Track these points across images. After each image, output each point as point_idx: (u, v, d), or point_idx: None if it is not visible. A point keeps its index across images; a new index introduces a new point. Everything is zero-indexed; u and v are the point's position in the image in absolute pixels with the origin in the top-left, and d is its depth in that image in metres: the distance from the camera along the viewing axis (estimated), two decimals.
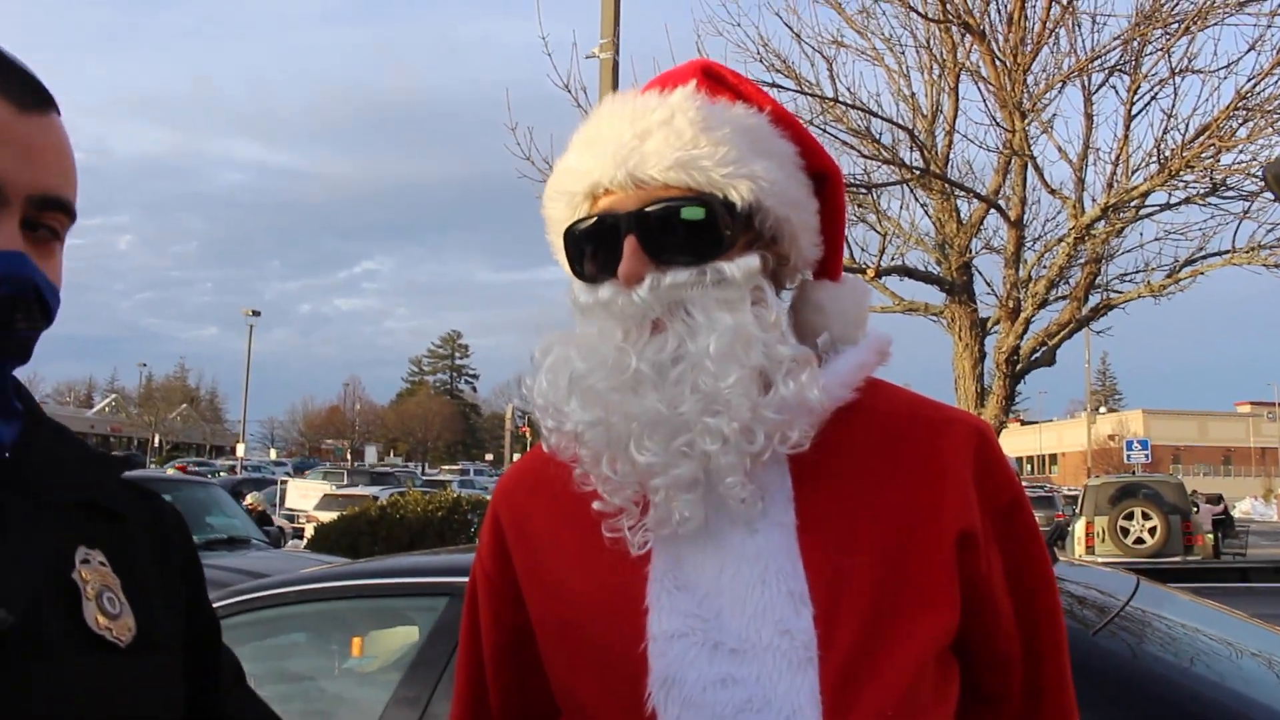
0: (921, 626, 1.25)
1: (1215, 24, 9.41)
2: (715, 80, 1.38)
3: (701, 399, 1.22)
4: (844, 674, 1.21)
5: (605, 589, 1.31)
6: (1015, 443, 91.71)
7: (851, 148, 10.04)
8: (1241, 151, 9.21)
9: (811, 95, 10.02)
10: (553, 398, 1.30)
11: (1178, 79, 9.69)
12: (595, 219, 1.31)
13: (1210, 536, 22.11)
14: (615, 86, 10.15)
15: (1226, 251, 9.90)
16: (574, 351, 1.30)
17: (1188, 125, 9.50)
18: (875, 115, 9.99)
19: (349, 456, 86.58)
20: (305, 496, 28.75)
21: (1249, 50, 9.28)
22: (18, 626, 1.01)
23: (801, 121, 1.42)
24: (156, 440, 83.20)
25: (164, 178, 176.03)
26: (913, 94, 10.91)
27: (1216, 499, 28.78)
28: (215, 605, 3.14)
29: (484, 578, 1.49)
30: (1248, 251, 9.62)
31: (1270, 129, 9.07)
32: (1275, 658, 2.70)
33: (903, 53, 10.85)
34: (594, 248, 1.32)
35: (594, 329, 1.29)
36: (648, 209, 1.27)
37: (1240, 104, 9.13)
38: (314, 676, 3.77)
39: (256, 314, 54.28)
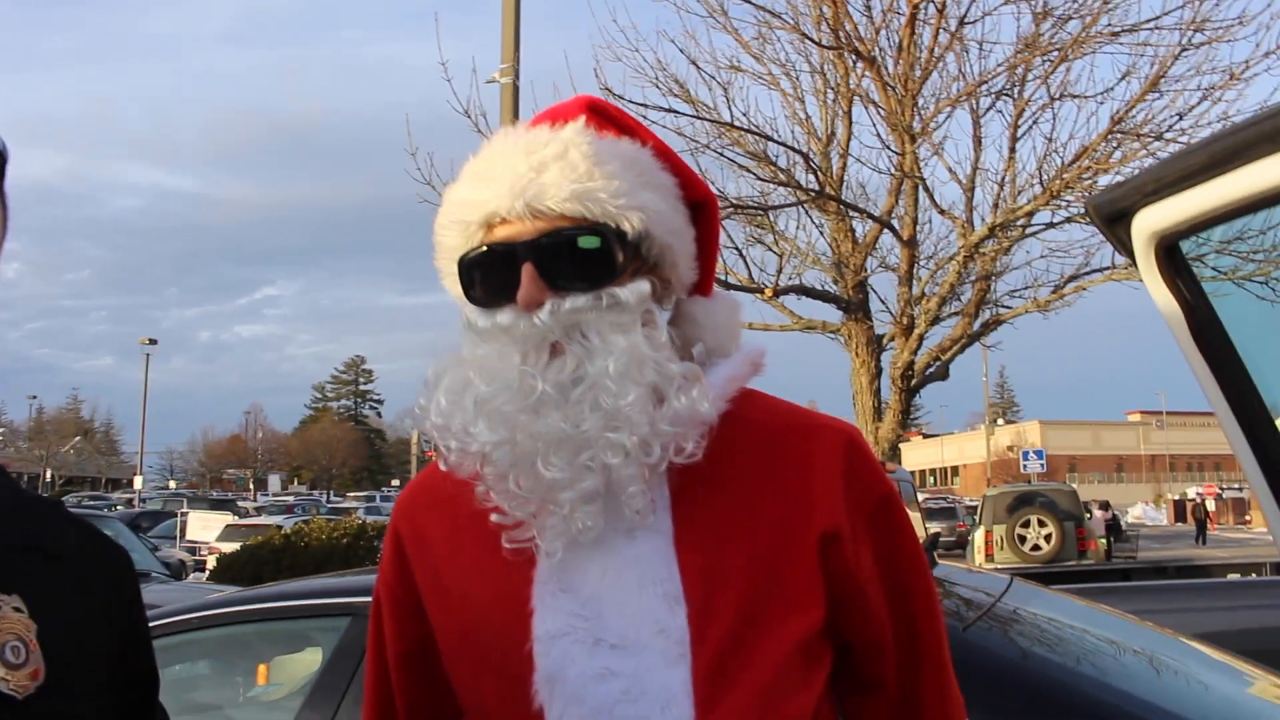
0: (788, 624, 1.34)
1: (1090, 52, 9.88)
2: (601, 115, 1.46)
3: (603, 416, 1.30)
4: (714, 667, 1.31)
5: (497, 596, 1.39)
6: (918, 456, 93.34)
7: (748, 170, 10.31)
8: (1117, 173, 9.63)
9: (708, 120, 10.22)
10: (457, 419, 1.36)
11: (1058, 104, 10.14)
12: (492, 247, 1.37)
13: (1103, 541, 22.84)
14: (515, 111, 10.22)
15: (1107, 268, 10.37)
16: (474, 374, 1.35)
17: (1067, 149, 9.95)
18: (771, 139, 10.23)
19: (251, 486, 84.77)
20: (207, 527, 27.97)
21: (1123, 78, 9.77)
22: None
23: (679, 152, 1.52)
24: (48, 475, 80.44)
25: (56, 203, 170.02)
26: (808, 118, 11.19)
27: (1104, 505, 29.71)
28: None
29: (387, 590, 1.56)
30: (1126, 268, 10.04)
31: (1143, 151, 9.52)
32: (1139, 648, 2.88)
33: (797, 78, 11.15)
34: (490, 274, 1.38)
35: (492, 351, 1.35)
36: (546, 238, 1.33)
37: (1115, 129, 9.58)
38: (219, 705, 3.74)
39: (153, 342, 52.97)
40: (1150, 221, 1.34)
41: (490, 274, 1.38)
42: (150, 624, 3.17)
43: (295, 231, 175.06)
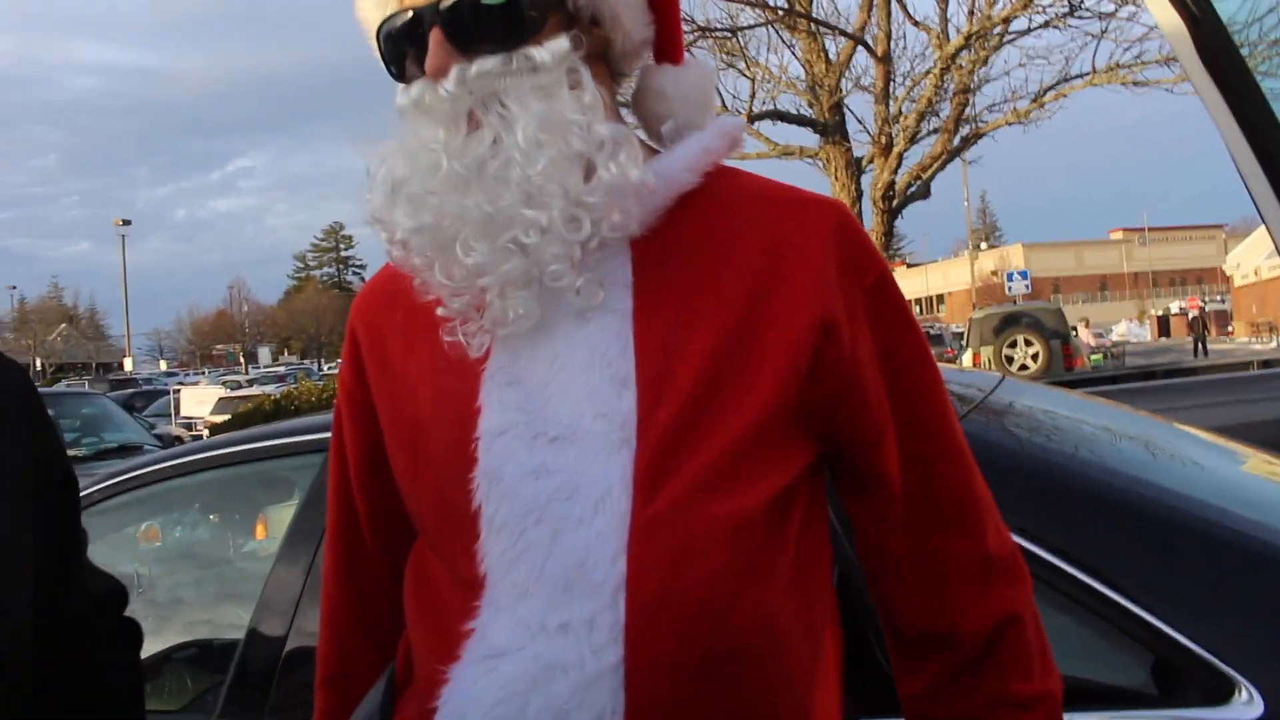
0: (748, 405, 1.22)
1: None
2: None
3: (517, 190, 1.19)
4: (659, 451, 1.20)
5: (445, 394, 1.31)
6: (903, 285, 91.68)
7: None
8: None
9: None
10: (380, 207, 1.27)
11: None
12: (398, 16, 1.27)
13: (1095, 359, 23.05)
14: None
15: (1087, 74, 10.14)
16: (397, 158, 1.26)
17: None
18: None
19: (242, 360, 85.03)
20: (200, 404, 28.15)
21: None
22: None
23: None
24: (38, 364, 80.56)
25: (8, 88, 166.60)
26: None
27: (1085, 323, 29.95)
28: (94, 488, 3.05)
29: (344, 392, 1.49)
30: (1107, 71, 9.86)
31: None
32: (1134, 435, 2.84)
33: None
34: (403, 46, 1.27)
35: (412, 131, 1.25)
36: None
37: None
38: (213, 555, 3.73)
39: (127, 223, 52.61)
40: None
41: (403, 45, 1.27)
42: (126, 476, 3.11)
43: (259, 100, 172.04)
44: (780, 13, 9.81)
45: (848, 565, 1.71)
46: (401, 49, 1.28)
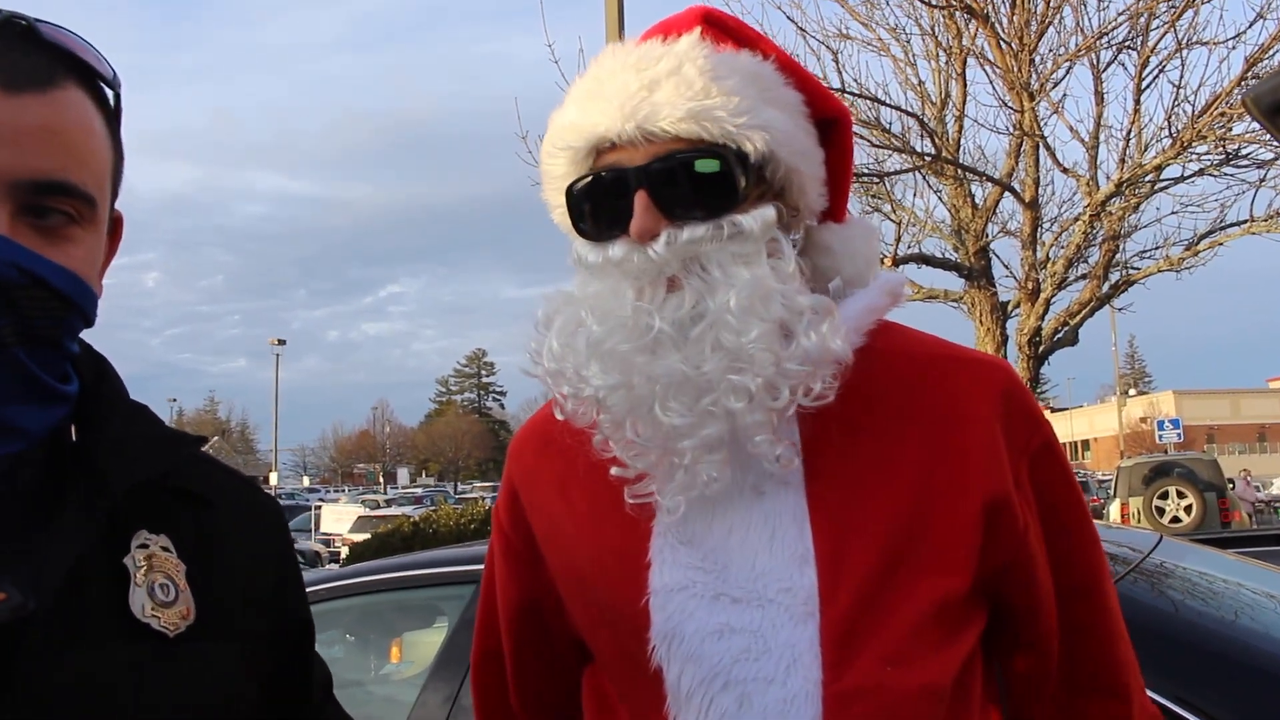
0: (928, 584, 1.22)
1: None
2: (718, 27, 1.34)
3: (725, 356, 1.19)
4: (845, 626, 1.20)
5: (612, 548, 1.31)
6: None
7: (861, 138, 10.06)
8: (1253, 120, 9.15)
9: None
10: (570, 362, 1.26)
11: (1185, 51, 9.67)
12: (602, 174, 1.27)
13: (1246, 516, 21.83)
14: None
15: (1245, 221, 9.88)
16: (586, 313, 1.26)
17: (1197, 97, 9.47)
18: (883, 104, 10.00)
19: (381, 479, 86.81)
20: (340, 520, 28.73)
21: (1256, 19, 9.26)
22: (50, 612, 1.01)
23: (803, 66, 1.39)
24: None
25: (187, 214, 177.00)
26: (920, 82, 10.91)
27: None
28: None
29: (500, 536, 1.50)
30: (1266, 220, 9.59)
31: None
32: None
33: (908, 41, 10.88)
34: (600, 204, 1.27)
35: (605, 288, 1.25)
36: (659, 162, 1.22)
37: (1249, 72, 9.09)
38: (352, 682, 3.79)
39: (282, 343, 54.85)
40: None
41: (601, 204, 1.27)
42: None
43: (415, 229, 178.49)
44: (927, 159, 9.85)
45: None
46: (598, 206, 1.28)
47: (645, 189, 1.23)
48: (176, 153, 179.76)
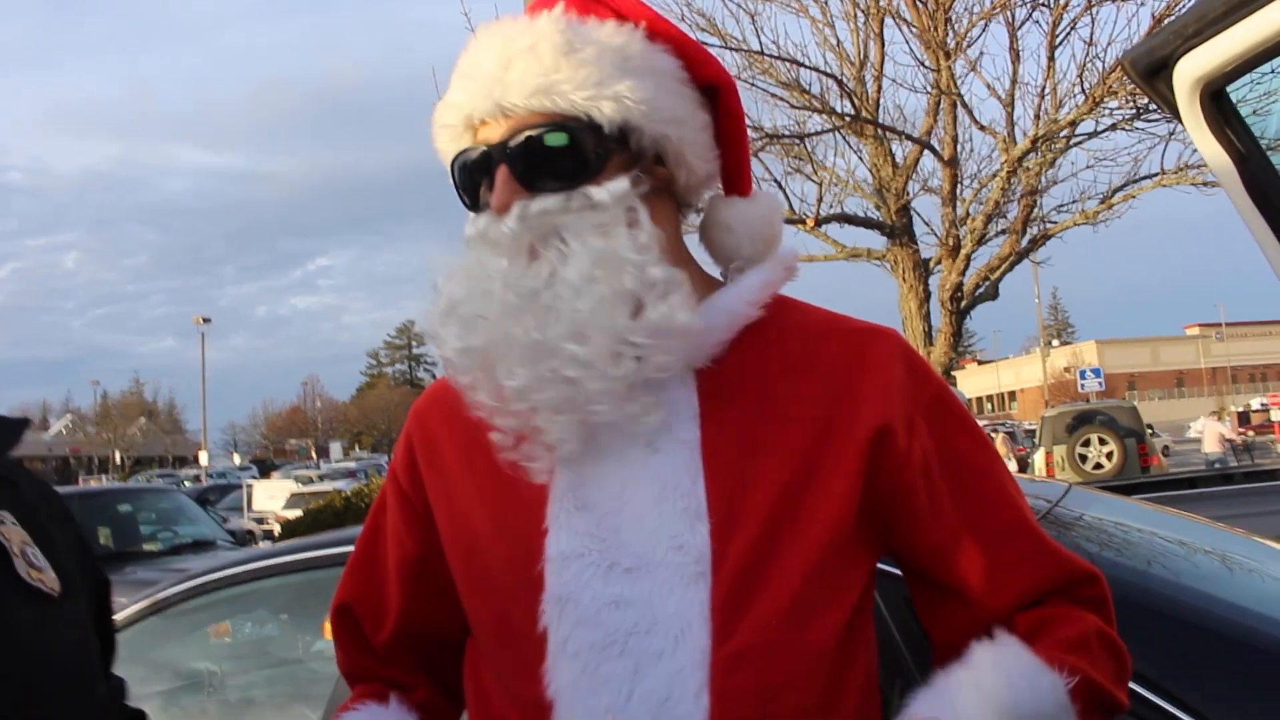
0: (816, 525, 1.25)
1: None
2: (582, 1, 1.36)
3: (565, 324, 1.23)
4: (735, 585, 1.22)
5: (508, 513, 1.33)
6: (974, 382, 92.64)
7: (781, 100, 10.13)
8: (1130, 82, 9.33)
9: (737, 50, 10.06)
10: (434, 324, 1.32)
11: (1096, 8, 9.81)
12: (471, 151, 1.33)
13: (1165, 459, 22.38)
14: None
15: (1156, 174, 10.10)
16: (455, 282, 1.31)
17: (1108, 53, 9.64)
18: (803, 65, 10.05)
19: (313, 454, 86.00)
20: (272, 498, 28.38)
21: None
22: None
23: (685, 32, 1.40)
24: (117, 457, 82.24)
25: (109, 190, 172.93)
26: (839, 42, 10.96)
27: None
28: (173, 591, 3.13)
29: (397, 492, 1.50)
30: (1176, 172, 9.81)
31: None
32: (1211, 549, 2.79)
33: (826, 2, 10.90)
34: (472, 179, 1.34)
35: (473, 258, 1.31)
36: (513, 138, 1.28)
37: (1157, 29, 9.26)
38: (284, 657, 3.77)
39: (207, 321, 54.02)
40: (1193, 67, 1.25)
41: (472, 179, 1.34)
42: (206, 579, 3.18)
43: (345, 200, 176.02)
44: (847, 119, 9.93)
45: None
46: (474, 180, 1.34)
47: (504, 163, 1.28)
48: (92, 128, 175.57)
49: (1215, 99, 1.27)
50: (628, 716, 1.21)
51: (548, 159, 1.28)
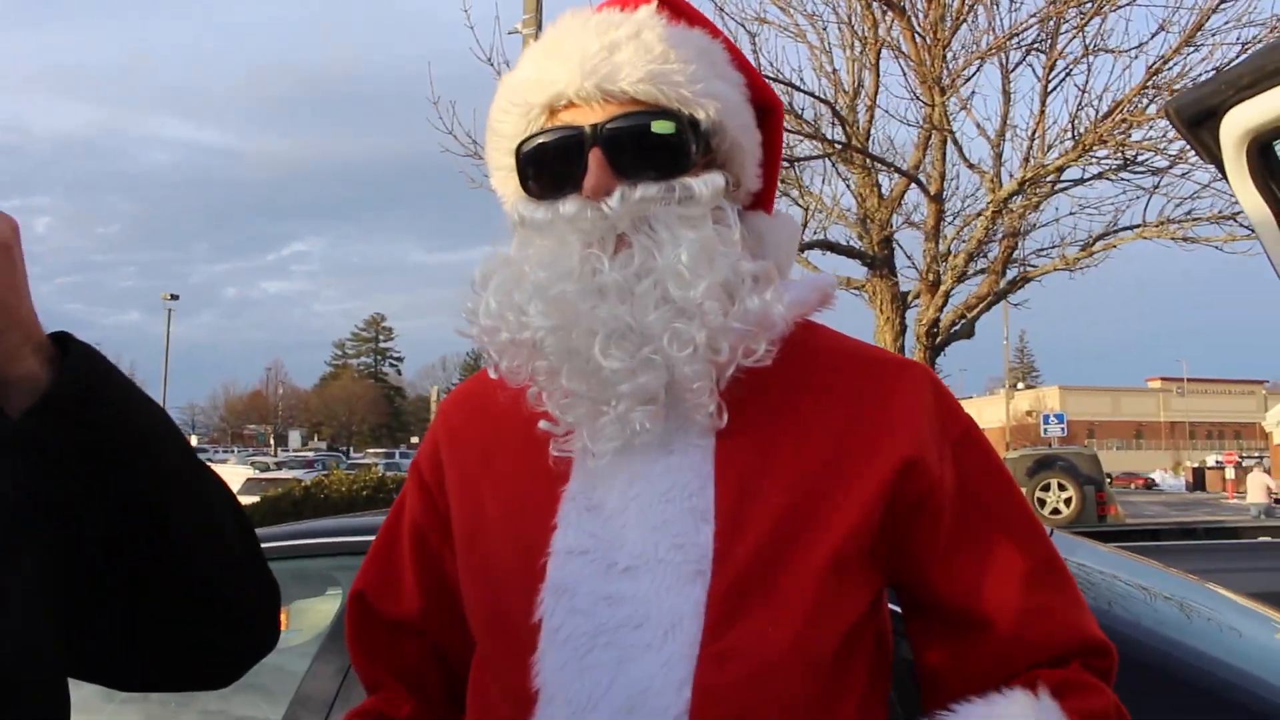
0: (824, 547, 1.23)
1: (1126, 4, 9.66)
2: (670, 5, 1.37)
3: (671, 308, 1.21)
4: (734, 585, 1.21)
5: (519, 508, 1.33)
6: None
7: None
8: (1151, 128, 9.46)
9: None
10: (510, 312, 1.27)
11: (1091, 57, 9.94)
12: (557, 131, 1.28)
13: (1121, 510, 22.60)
14: None
15: (1137, 225, 10.21)
16: (530, 267, 1.27)
17: (1101, 102, 9.75)
18: (798, 89, 10.07)
19: (272, 441, 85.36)
20: (228, 482, 28.13)
21: (1158, 31, 9.53)
22: None
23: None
24: None
25: (88, 156, 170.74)
26: (834, 70, 11.03)
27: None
28: None
29: (419, 485, 1.50)
30: (1157, 225, 9.92)
31: None
32: (1170, 595, 2.80)
33: (825, 29, 10.98)
34: (552, 161, 1.28)
35: (552, 242, 1.27)
36: (618, 121, 1.25)
37: (1150, 82, 9.37)
38: None
39: (174, 298, 53.40)
40: (1244, 119, 1.24)
41: (552, 161, 1.29)
42: None
43: (326, 187, 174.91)
44: (837, 146, 9.97)
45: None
46: (550, 163, 1.29)
47: (601, 147, 1.25)
48: (78, 92, 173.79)
49: (1263, 153, 1.25)
50: (606, 704, 1.20)
51: (651, 147, 1.26)
